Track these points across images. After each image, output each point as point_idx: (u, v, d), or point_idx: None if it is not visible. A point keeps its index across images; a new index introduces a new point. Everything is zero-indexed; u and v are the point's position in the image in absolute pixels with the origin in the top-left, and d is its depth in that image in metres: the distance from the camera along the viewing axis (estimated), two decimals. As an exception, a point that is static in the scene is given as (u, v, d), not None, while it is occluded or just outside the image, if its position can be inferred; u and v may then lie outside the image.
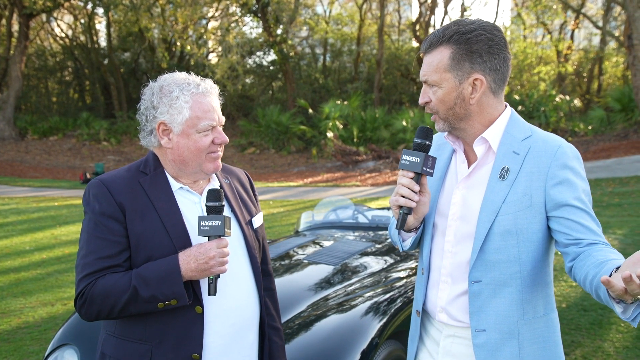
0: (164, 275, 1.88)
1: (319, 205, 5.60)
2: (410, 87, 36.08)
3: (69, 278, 7.50)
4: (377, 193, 15.93)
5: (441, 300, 1.99)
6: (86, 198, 2.02)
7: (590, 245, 1.73)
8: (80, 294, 1.90)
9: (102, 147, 30.47)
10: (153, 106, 2.03)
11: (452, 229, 1.96)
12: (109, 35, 35.20)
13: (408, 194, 1.87)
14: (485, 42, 1.83)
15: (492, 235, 1.84)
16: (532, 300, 1.87)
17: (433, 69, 1.87)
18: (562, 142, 1.87)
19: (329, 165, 24.37)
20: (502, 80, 1.89)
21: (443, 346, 2.01)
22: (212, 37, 33.11)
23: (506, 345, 1.85)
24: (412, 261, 4.02)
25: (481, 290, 1.87)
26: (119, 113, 33.60)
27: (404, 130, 25.10)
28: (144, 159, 2.15)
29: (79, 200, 16.74)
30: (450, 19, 53.40)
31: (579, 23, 32.50)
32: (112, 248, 1.93)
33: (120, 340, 2.00)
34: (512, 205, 1.82)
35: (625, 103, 20.43)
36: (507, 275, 1.85)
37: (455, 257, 1.95)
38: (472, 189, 1.93)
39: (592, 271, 1.61)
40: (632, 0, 18.45)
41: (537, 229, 1.83)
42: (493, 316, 1.86)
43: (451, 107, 1.88)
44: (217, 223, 1.91)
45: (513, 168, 1.84)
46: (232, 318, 2.05)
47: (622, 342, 4.65)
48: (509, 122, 1.93)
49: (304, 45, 38.25)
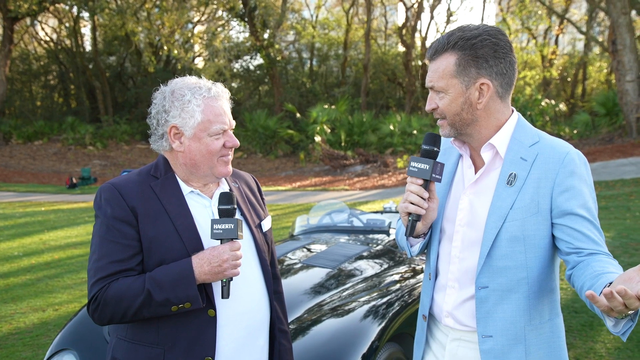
0: (177, 279, 1.89)
1: (313, 209, 5.61)
2: (396, 92, 36.28)
3: (59, 283, 7.45)
4: (366, 197, 15.97)
5: (447, 305, 2.01)
6: (97, 202, 2.02)
7: (591, 255, 1.74)
8: (93, 298, 1.90)
9: (88, 152, 30.25)
10: (164, 110, 2.03)
11: (460, 234, 1.97)
12: (94, 39, 35.01)
13: (417, 201, 1.87)
14: (490, 46, 1.83)
15: (500, 241, 1.85)
16: (539, 306, 1.88)
17: (439, 75, 1.87)
18: (570, 149, 1.87)
19: (316, 169, 24.39)
20: (508, 85, 1.89)
21: (449, 350, 2.03)
22: (199, 41, 33.05)
23: (513, 350, 1.87)
24: (408, 265, 4.05)
25: (488, 296, 1.88)
26: (104, 117, 33.38)
27: (392, 135, 25.22)
28: (154, 163, 2.15)
29: (66, 205, 16.61)
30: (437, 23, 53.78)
31: (563, 28, 32.88)
32: (125, 252, 1.94)
33: (132, 344, 2.00)
34: (520, 212, 1.83)
35: (610, 107, 20.68)
36: (515, 281, 1.86)
37: (462, 263, 1.96)
38: (479, 194, 1.94)
39: (587, 283, 1.63)
40: (615, 6, 18.71)
41: (544, 234, 1.84)
42: (500, 322, 1.87)
43: (458, 113, 1.88)
44: (230, 226, 1.93)
45: (521, 174, 1.85)
46: (244, 321, 2.06)
47: (613, 344, 4.70)
48: (516, 127, 1.93)
49: (291, 49, 38.28)
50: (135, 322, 1.97)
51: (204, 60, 35.03)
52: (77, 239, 10.73)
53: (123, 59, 37.49)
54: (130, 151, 31.38)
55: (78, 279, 7.70)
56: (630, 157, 16.51)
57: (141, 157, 30.82)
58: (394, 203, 6.15)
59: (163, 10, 28.75)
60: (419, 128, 25.38)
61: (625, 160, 16.06)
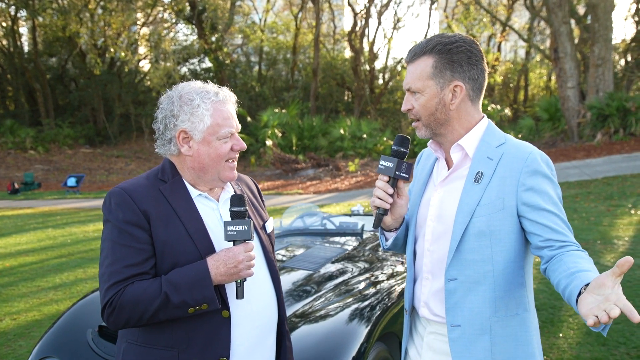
0: (194, 281, 1.90)
1: (286, 212, 5.64)
2: (345, 96, 36.61)
3: (14, 292, 7.19)
4: (321, 201, 16.05)
5: (423, 296, 2.12)
6: (107, 206, 2.00)
7: (562, 247, 1.86)
8: (108, 303, 1.88)
9: (29, 156, 29.23)
10: (173, 114, 2.04)
11: (430, 228, 2.09)
12: (34, 39, 33.81)
13: (383, 196, 2.05)
14: (465, 53, 1.98)
15: (468, 235, 1.96)
16: (505, 299, 1.97)
17: (417, 76, 2.00)
18: (533, 149, 1.99)
19: (268, 173, 24.35)
20: (479, 90, 2.04)
21: (427, 342, 2.14)
22: (146, 43, 32.47)
23: (479, 340, 1.96)
24: (389, 264, 4.13)
25: (457, 288, 1.98)
26: (45, 120, 32.32)
27: (342, 139, 25.44)
28: (160, 167, 2.15)
29: (10, 211, 16.03)
30: (384, 29, 54.59)
31: (505, 36, 33.97)
32: (138, 256, 1.93)
33: (145, 348, 1.99)
34: (486, 208, 1.94)
35: (552, 113, 21.47)
36: (481, 273, 1.96)
37: (433, 255, 2.08)
38: (449, 192, 2.06)
39: (563, 281, 1.73)
40: (557, 15, 19.49)
41: (509, 230, 1.94)
42: (467, 312, 1.97)
43: (433, 113, 2.01)
44: (243, 227, 1.96)
45: (487, 172, 1.96)
46: (257, 320, 2.09)
47: (574, 339, 4.90)
48: (485, 130, 2.05)
49: (239, 53, 38.10)
50: (148, 325, 1.97)
51: (149, 62, 34.47)
52: (28, 245, 10.38)
53: (65, 60, 36.37)
54: (74, 155, 30.49)
55: (34, 286, 7.47)
56: (574, 161, 17.19)
57: (86, 161, 29.99)
58: (361, 206, 6.24)
59: (109, 11, 28.11)
60: (368, 132, 25.71)
61: (569, 164, 16.71)
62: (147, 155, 31.40)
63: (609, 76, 19.71)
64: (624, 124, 18.86)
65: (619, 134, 18.85)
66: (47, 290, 7.28)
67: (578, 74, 20.28)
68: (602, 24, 19.17)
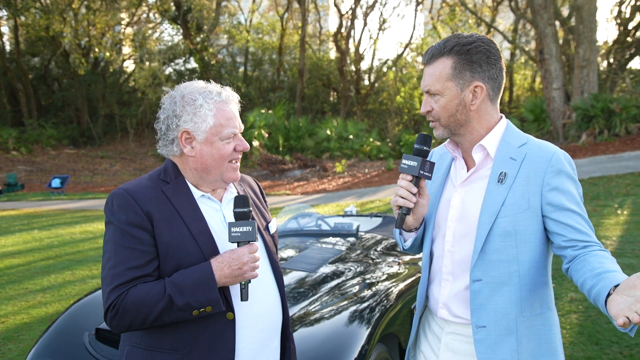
0: (198, 283, 1.86)
1: (280, 213, 5.60)
2: (331, 97, 36.62)
3: (1, 295, 7.10)
4: (310, 201, 16.02)
5: (443, 297, 2.09)
6: (110, 208, 1.96)
7: (585, 247, 1.87)
8: (111, 305, 1.84)
9: (12, 157, 28.88)
10: (175, 115, 2.01)
11: (451, 229, 2.06)
12: (16, 38, 33.41)
13: (406, 195, 2.00)
14: (484, 52, 1.97)
15: (492, 236, 1.94)
16: (530, 299, 1.97)
17: (436, 78, 1.98)
18: (556, 149, 2.00)
19: (254, 174, 24.29)
20: (498, 89, 2.03)
21: (445, 342, 2.11)
22: (131, 43, 32.22)
23: (505, 341, 1.96)
24: (388, 265, 4.12)
25: (482, 289, 1.97)
26: (28, 121, 31.96)
27: (328, 140, 25.44)
28: (162, 168, 2.11)
29: (-7, 213, 15.79)
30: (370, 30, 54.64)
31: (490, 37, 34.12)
32: (142, 258, 1.89)
33: (148, 352, 1.95)
34: (511, 208, 1.93)
35: (538, 113, 21.63)
36: (506, 274, 1.95)
37: (454, 256, 2.05)
38: (470, 192, 2.04)
39: (589, 281, 1.74)
40: (542, 17, 19.63)
41: (534, 229, 1.95)
42: (493, 313, 1.96)
43: (453, 114, 1.99)
44: (248, 228, 1.92)
45: (510, 173, 1.96)
46: (261, 323, 2.06)
47: (568, 339, 4.92)
48: (505, 130, 2.05)
49: (224, 53, 37.96)
50: (151, 328, 1.93)
51: (134, 62, 34.21)
52: (13, 247, 10.23)
53: (48, 60, 35.95)
54: (57, 156, 30.17)
55: (21, 289, 7.36)
56: (559, 161, 17.29)
57: (70, 162, 29.69)
58: (354, 207, 6.22)
59: (92, 11, 27.85)
60: (355, 133, 25.73)
61: (554, 164, 16.81)
62: (132, 156, 31.17)
63: (593, 77, 19.88)
64: (609, 125, 19.04)
65: (604, 134, 19.03)
66: (35, 293, 7.18)
67: (563, 75, 20.45)
68: (586, 25, 19.33)
